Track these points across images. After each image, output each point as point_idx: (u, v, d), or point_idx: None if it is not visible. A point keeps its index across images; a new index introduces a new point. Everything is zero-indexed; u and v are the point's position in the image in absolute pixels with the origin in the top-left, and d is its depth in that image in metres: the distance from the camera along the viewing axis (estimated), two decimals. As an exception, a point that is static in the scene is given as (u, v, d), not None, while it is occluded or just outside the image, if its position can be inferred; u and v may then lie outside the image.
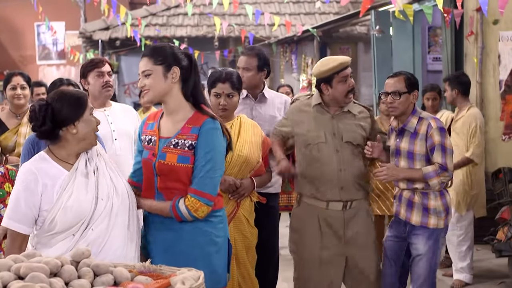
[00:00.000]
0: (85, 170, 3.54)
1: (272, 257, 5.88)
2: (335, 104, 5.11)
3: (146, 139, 3.88)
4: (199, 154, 3.70)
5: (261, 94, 5.83)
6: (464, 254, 7.13)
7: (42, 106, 3.49)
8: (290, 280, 6.62)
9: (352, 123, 5.11)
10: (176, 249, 3.74)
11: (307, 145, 5.12)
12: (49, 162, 3.51)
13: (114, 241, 3.48)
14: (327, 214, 5.08)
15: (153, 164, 3.76)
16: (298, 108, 5.27)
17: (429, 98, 7.60)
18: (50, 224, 3.42)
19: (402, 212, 5.21)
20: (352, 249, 5.10)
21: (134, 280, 2.72)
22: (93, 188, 3.50)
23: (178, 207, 3.69)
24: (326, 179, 5.05)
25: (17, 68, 22.04)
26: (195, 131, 3.73)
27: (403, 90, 5.11)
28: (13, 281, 2.48)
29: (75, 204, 3.40)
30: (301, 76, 15.83)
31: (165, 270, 2.81)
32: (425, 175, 5.01)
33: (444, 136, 5.05)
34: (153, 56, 3.76)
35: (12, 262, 2.64)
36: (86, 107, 3.55)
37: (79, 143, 3.55)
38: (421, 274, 5.13)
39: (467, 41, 8.98)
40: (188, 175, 3.71)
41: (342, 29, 14.28)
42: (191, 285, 2.45)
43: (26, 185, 3.43)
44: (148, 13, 17.34)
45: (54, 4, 15.52)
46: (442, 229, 5.17)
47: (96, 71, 5.24)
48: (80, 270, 2.72)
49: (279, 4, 17.77)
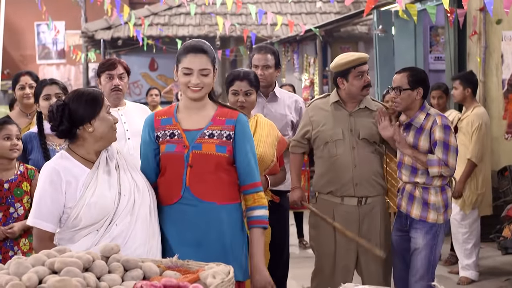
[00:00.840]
0: (106, 168, 3.58)
1: (282, 255, 5.93)
2: (351, 99, 5.20)
3: (166, 133, 3.84)
4: (242, 147, 3.81)
5: (272, 93, 5.89)
6: (469, 251, 7.18)
7: (59, 106, 3.54)
8: (298, 278, 6.71)
9: (369, 120, 5.20)
10: (202, 243, 3.77)
11: (325, 142, 5.21)
12: (70, 160, 3.55)
13: (137, 237, 3.52)
14: (343, 210, 5.16)
15: (186, 155, 3.76)
16: (317, 106, 5.37)
17: (435, 96, 7.64)
18: (75, 220, 3.46)
19: (403, 205, 5.29)
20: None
21: (162, 275, 2.78)
22: (116, 185, 3.55)
23: (263, 218, 3.88)
24: (341, 175, 5.14)
25: (17, 67, 22.03)
26: (231, 122, 3.81)
27: (405, 87, 5.17)
28: (48, 276, 2.54)
29: (99, 201, 3.45)
30: (303, 76, 15.86)
31: (192, 265, 2.86)
32: (428, 161, 5.07)
33: (448, 134, 5.10)
34: (209, 55, 3.78)
35: (46, 257, 2.69)
36: (102, 106, 3.59)
37: (97, 141, 3.59)
38: (419, 268, 5.18)
39: (470, 40, 9.04)
40: (221, 163, 3.78)
41: (343, 28, 14.32)
42: (222, 279, 2.49)
43: (50, 184, 3.47)
44: (150, 13, 17.35)
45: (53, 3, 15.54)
46: (442, 225, 5.21)
47: (107, 73, 5.25)
48: (110, 265, 2.77)
49: (280, 3, 17.80)
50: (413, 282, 5.20)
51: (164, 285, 2.45)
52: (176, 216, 3.81)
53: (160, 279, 2.57)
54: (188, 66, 3.76)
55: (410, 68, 5.40)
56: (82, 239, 3.48)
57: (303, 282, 6.80)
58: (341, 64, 5.14)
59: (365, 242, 5.13)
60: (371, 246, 5.12)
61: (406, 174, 5.26)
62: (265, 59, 5.78)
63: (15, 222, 4.89)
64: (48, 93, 5.12)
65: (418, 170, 5.18)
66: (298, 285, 6.93)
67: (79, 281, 2.46)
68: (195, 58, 3.76)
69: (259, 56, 5.81)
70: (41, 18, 15.75)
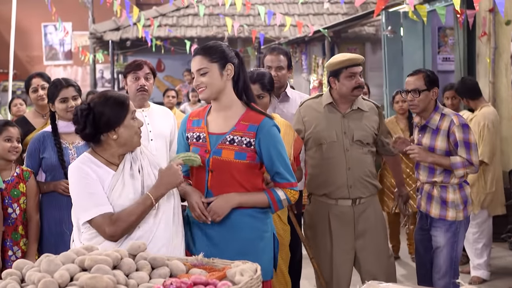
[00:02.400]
0: (130, 171, 3.58)
1: (295, 255, 5.95)
2: (342, 100, 5.17)
3: (194, 136, 3.92)
4: (268, 151, 3.83)
5: (283, 93, 5.92)
6: (480, 251, 7.19)
7: (84, 111, 3.52)
8: (310, 278, 6.72)
9: (362, 122, 5.18)
10: (225, 244, 3.82)
11: (319, 144, 5.20)
12: (95, 163, 3.55)
13: (160, 238, 3.53)
14: (337, 210, 5.16)
15: (207, 161, 3.82)
16: (309, 107, 5.34)
17: (449, 97, 7.66)
18: None
19: (422, 204, 5.35)
20: (362, 243, 5.18)
21: (189, 273, 2.81)
22: (140, 188, 3.55)
23: (279, 198, 3.87)
24: (335, 178, 5.13)
25: (25, 68, 22.12)
26: (253, 129, 3.82)
27: (423, 88, 5.21)
28: (79, 273, 2.58)
29: (125, 203, 3.46)
30: (311, 76, 15.87)
31: (218, 263, 2.90)
32: (452, 165, 5.12)
33: (467, 132, 5.14)
34: (207, 54, 3.82)
35: (75, 255, 2.73)
36: (128, 112, 3.57)
37: (121, 147, 3.59)
38: (442, 265, 5.23)
39: (480, 41, 9.05)
40: (241, 170, 3.82)
41: (351, 29, 14.33)
42: (251, 277, 2.53)
43: (85, 178, 3.47)
44: (158, 14, 17.36)
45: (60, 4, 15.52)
46: (462, 221, 5.25)
47: (133, 74, 5.29)
48: (137, 263, 2.82)
49: (288, 4, 17.81)
50: (437, 279, 5.23)
51: (193, 282, 2.49)
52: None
53: (187, 277, 2.61)
54: (191, 70, 3.90)
55: (423, 70, 5.42)
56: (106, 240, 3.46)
57: (315, 282, 6.82)
58: (333, 64, 5.13)
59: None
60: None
61: (424, 174, 5.30)
62: (278, 60, 5.80)
63: (13, 223, 4.95)
64: (65, 96, 5.16)
65: (436, 170, 5.22)
66: (310, 284, 6.96)
67: (110, 278, 2.50)
68: (193, 61, 3.88)
69: (272, 57, 5.83)
70: (49, 19, 15.79)
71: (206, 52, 3.84)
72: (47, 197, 5.09)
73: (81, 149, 5.00)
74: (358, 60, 5.11)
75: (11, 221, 4.96)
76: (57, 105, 5.16)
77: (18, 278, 2.66)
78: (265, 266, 3.87)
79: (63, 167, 4.98)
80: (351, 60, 5.08)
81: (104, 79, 22.73)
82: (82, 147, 5.00)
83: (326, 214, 5.20)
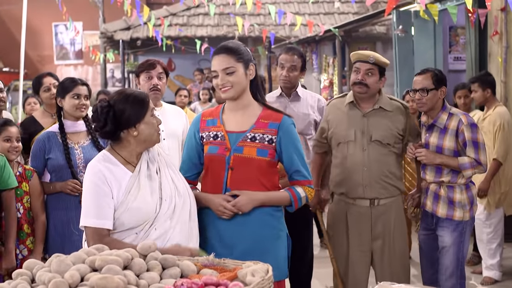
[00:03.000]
0: (148, 172, 3.57)
1: (306, 255, 5.95)
2: (363, 99, 5.19)
3: (210, 135, 3.90)
4: (288, 149, 3.86)
5: (294, 93, 5.91)
6: (493, 251, 7.16)
7: (104, 108, 3.50)
8: (321, 277, 6.72)
9: (383, 121, 5.16)
10: (240, 245, 3.81)
11: (338, 143, 5.23)
12: (113, 163, 3.53)
13: (175, 240, 3.50)
14: (355, 210, 5.17)
15: (227, 158, 3.81)
16: (334, 106, 5.39)
17: (461, 96, 7.63)
18: (116, 223, 3.45)
19: (428, 204, 5.32)
20: (380, 245, 5.17)
21: (199, 274, 2.80)
22: (157, 190, 3.53)
23: (300, 196, 3.89)
24: (351, 177, 5.14)
25: (35, 68, 22.16)
26: (274, 126, 3.85)
27: (430, 87, 5.20)
28: (90, 273, 2.57)
29: (141, 206, 3.44)
30: (321, 76, 15.86)
31: (229, 264, 2.88)
32: (461, 165, 5.10)
33: (475, 132, 5.13)
34: (233, 53, 3.82)
35: (86, 256, 2.72)
36: (148, 109, 3.57)
37: (140, 144, 3.57)
38: (448, 265, 5.21)
39: (491, 40, 9.01)
40: (262, 167, 3.83)
41: (361, 29, 14.30)
42: (262, 278, 2.51)
43: (99, 185, 3.45)
44: (168, 13, 17.37)
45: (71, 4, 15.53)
46: (468, 221, 5.24)
47: (146, 73, 5.30)
48: (148, 263, 2.80)
49: (298, 4, 17.79)
50: (443, 280, 5.21)
51: (204, 282, 2.47)
52: (216, 216, 3.86)
53: (198, 277, 2.59)
54: (213, 68, 3.85)
55: (431, 69, 5.41)
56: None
57: (326, 282, 6.81)
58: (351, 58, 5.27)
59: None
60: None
61: (431, 174, 5.28)
62: (292, 60, 5.79)
63: (18, 222, 4.95)
64: (78, 93, 5.14)
65: (443, 170, 5.20)
66: (321, 284, 6.94)
67: (120, 279, 2.49)
68: (217, 59, 3.84)
69: (286, 57, 5.82)
70: (59, 19, 15.81)
71: (232, 51, 3.83)
72: (53, 198, 5.08)
73: (87, 149, 5.00)
74: (363, 58, 5.14)
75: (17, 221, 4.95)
76: (68, 100, 5.12)
77: (29, 278, 2.65)
78: (281, 265, 3.93)
79: (70, 166, 4.97)
80: (358, 56, 5.17)
81: (115, 79, 22.76)
82: (88, 147, 5.00)
83: (344, 213, 5.23)
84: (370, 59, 5.10)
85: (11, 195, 4.88)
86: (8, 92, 18.17)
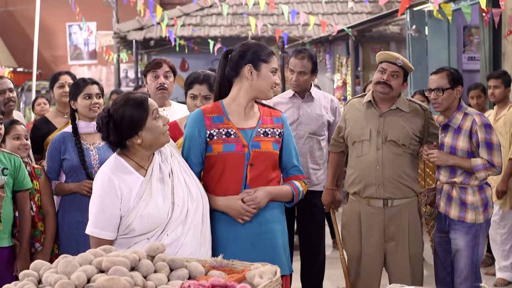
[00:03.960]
0: (160, 175, 3.52)
1: (318, 255, 5.94)
2: (381, 99, 5.18)
3: (221, 132, 3.81)
4: (288, 143, 3.94)
5: (308, 94, 5.90)
6: (507, 252, 7.11)
7: (104, 119, 3.47)
8: (332, 278, 6.71)
9: (400, 122, 5.14)
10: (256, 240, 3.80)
11: (353, 142, 5.23)
12: (124, 169, 3.49)
13: (188, 246, 3.49)
14: (369, 211, 5.15)
15: (246, 155, 3.78)
16: (352, 105, 5.38)
17: (474, 96, 7.59)
18: (127, 229, 3.44)
19: (441, 205, 5.26)
20: (393, 247, 5.15)
21: (208, 275, 2.78)
22: (169, 194, 3.50)
23: (300, 190, 3.94)
24: (365, 176, 5.13)
25: (49, 68, 22.20)
26: (279, 120, 3.92)
27: (446, 86, 5.13)
28: (96, 275, 2.56)
29: (153, 212, 3.42)
30: (335, 76, 15.83)
31: (237, 265, 2.86)
32: (474, 167, 5.04)
33: (489, 133, 5.05)
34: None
35: (93, 257, 2.71)
36: (148, 113, 3.48)
37: (148, 149, 3.53)
38: (463, 269, 5.15)
39: (506, 40, 8.95)
40: (275, 161, 3.90)
41: (375, 28, 14.26)
42: (270, 279, 2.49)
43: (107, 193, 3.43)
44: (181, 13, 17.37)
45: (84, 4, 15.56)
46: (482, 224, 5.16)
47: (152, 73, 5.31)
48: (156, 264, 2.78)
49: (312, 3, 17.75)
50: (458, 283, 5.16)
51: (212, 284, 2.46)
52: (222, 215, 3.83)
53: (206, 279, 2.57)
54: (276, 66, 3.90)
55: (446, 68, 5.35)
56: (132, 246, 3.45)
57: (338, 283, 6.80)
58: (377, 58, 5.25)
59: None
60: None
61: (445, 174, 5.22)
62: (302, 65, 5.78)
63: (32, 220, 4.95)
64: (89, 92, 5.13)
65: (457, 170, 5.14)
66: (333, 285, 6.93)
67: (127, 280, 2.47)
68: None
69: (296, 61, 5.80)
70: (73, 19, 15.85)
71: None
72: (68, 199, 5.05)
73: (102, 150, 4.98)
74: (390, 59, 5.13)
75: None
76: (80, 101, 5.12)
77: (35, 280, 2.64)
78: (288, 260, 3.96)
79: (84, 167, 4.95)
80: (385, 57, 5.16)
81: (128, 79, 22.77)
82: (103, 148, 4.98)
83: (357, 214, 5.22)
84: (399, 62, 5.09)
85: (25, 196, 4.90)
86: (22, 92, 18.29)
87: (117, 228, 3.45)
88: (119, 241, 3.48)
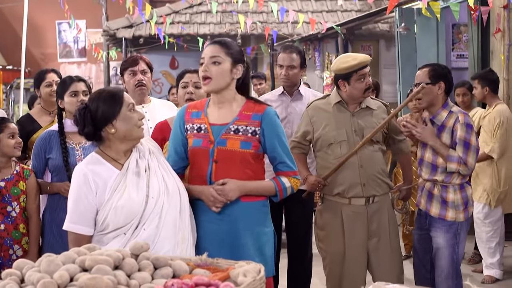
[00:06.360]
0: (136, 169, 3.56)
1: (306, 253, 5.94)
2: (352, 101, 5.18)
3: (194, 127, 3.89)
4: (272, 140, 3.86)
5: (297, 91, 5.90)
6: (493, 250, 7.15)
7: (81, 110, 3.55)
8: (321, 277, 6.67)
9: (372, 120, 5.18)
10: (226, 240, 3.79)
11: (329, 144, 5.18)
12: (101, 163, 3.55)
13: (165, 241, 3.50)
14: (350, 210, 5.15)
15: (211, 151, 3.79)
16: (317, 107, 5.32)
17: (459, 94, 7.64)
18: (102, 224, 3.47)
19: (422, 202, 5.27)
20: (375, 243, 5.16)
21: (192, 273, 2.77)
22: (144, 187, 3.52)
23: (285, 186, 3.87)
24: (348, 176, 5.11)
25: (39, 66, 22.11)
26: (257, 118, 3.85)
27: (426, 81, 5.12)
28: (79, 273, 2.54)
29: (126, 204, 3.44)
30: (324, 74, 15.82)
31: (222, 263, 2.85)
32: (448, 156, 5.03)
33: (469, 133, 5.04)
34: (225, 46, 3.83)
35: (76, 255, 2.69)
36: (122, 105, 3.56)
37: (122, 142, 3.58)
38: (444, 267, 5.16)
39: (494, 38, 8.98)
40: (246, 160, 3.83)
41: (364, 26, 14.27)
42: (254, 278, 2.49)
43: (81, 187, 3.48)
44: (171, 11, 17.37)
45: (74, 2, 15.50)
46: (462, 222, 5.16)
47: (129, 70, 5.30)
48: (140, 263, 2.76)
49: (301, 1, 17.77)
50: (439, 282, 5.17)
51: (195, 283, 2.44)
52: (203, 210, 3.85)
53: (190, 277, 2.56)
54: (202, 56, 3.87)
55: (432, 64, 5.37)
56: (110, 242, 3.47)
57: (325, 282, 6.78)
58: (343, 68, 5.09)
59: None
60: None
61: (426, 171, 5.23)
62: (291, 59, 5.78)
63: (13, 221, 4.93)
64: (75, 90, 5.10)
65: (438, 168, 5.14)
66: (321, 283, 6.90)
67: (110, 279, 2.46)
68: (208, 48, 3.87)
69: (284, 56, 5.82)
70: (63, 17, 15.79)
71: (224, 45, 3.85)
72: (55, 198, 5.02)
73: (88, 150, 4.94)
74: (367, 62, 5.12)
75: (11, 220, 4.93)
76: (67, 99, 5.09)
77: (18, 279, 2.61)
78: (270, 261, 3.92)
79: (67, 169, 4.91)
80: (361, 63, 5.08)
81: (118, 76, 22.63)
82: (89, 148, 4.94)
83: (339, 214, 5.18)
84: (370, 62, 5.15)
85: (32, 200, 4.98)
86: (11, 90, 18.21)
87: (93, 223, 3.49)
88: (96, 238, 3.51)
